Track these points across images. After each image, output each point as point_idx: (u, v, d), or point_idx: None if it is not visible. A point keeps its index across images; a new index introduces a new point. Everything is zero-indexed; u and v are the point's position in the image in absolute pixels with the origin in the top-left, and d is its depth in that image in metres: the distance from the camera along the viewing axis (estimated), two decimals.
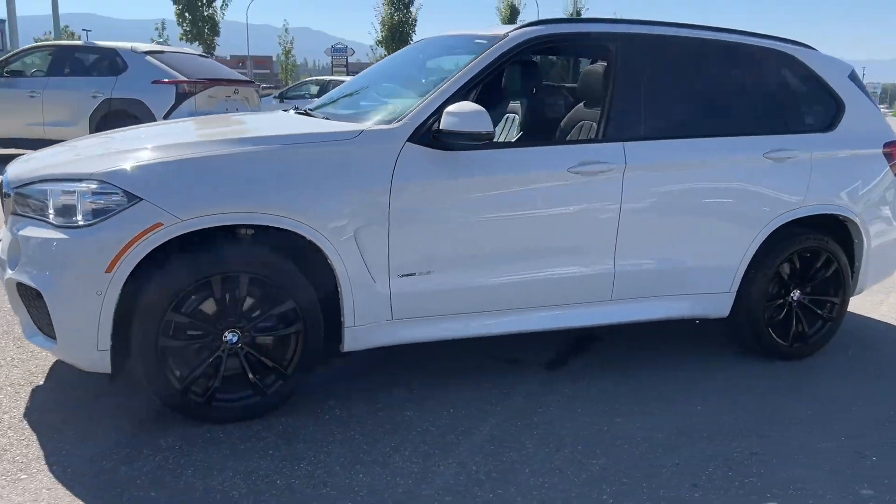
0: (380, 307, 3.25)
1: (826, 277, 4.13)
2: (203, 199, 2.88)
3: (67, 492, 2.55)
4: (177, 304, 2.90)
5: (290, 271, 3.04)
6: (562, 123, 4.14)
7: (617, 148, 3.56)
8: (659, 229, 3.68)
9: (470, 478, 2.74)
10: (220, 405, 3.06)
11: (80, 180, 2.87)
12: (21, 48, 11.83)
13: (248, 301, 3.04)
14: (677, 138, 3.74)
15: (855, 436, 3.22)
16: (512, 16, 48.73)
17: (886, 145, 4.25)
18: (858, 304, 5.08)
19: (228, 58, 53.29)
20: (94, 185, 2.84)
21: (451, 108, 3.18)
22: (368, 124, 3.33)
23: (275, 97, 20.30)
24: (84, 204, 2.83)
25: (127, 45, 10.29)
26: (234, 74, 11.53)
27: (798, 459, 2.98)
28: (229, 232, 3.06)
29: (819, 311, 4.15)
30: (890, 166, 4.24)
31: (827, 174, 4.03)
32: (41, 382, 3.43)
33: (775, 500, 2.68)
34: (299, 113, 3.95)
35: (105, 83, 9.96)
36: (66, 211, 2.86)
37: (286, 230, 3.01)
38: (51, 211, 2.89)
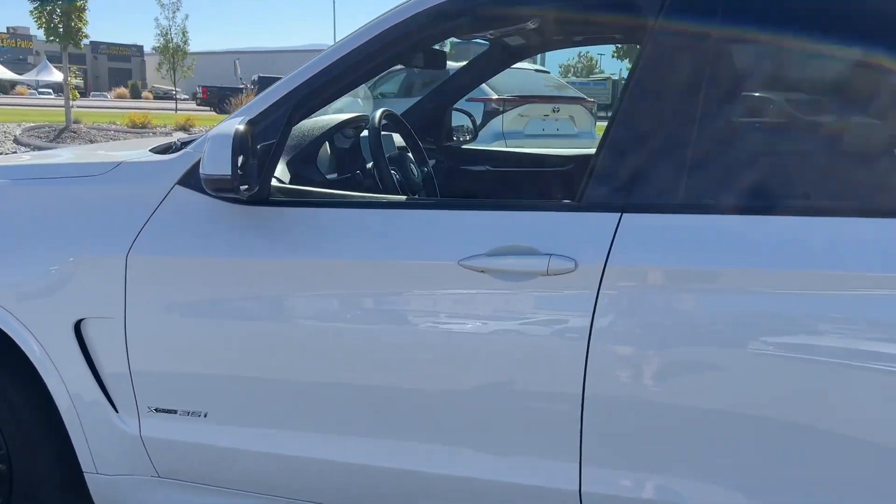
0: (133, 453, 1.97)
1: None
2: None
3: None
4: None
5: None
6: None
7: (597, 223, 1.61)
8: (699, 421, 1.56)
9: None
10: None
11: None
12: (387, 71, 12.67)
13: None
14: (765, 214, 1.56)
15: None
16: None
17: None
18: None
19: None
20: None
21: (210, 133, 1.73)
22: (142, 155, 2.06)
23: None
24: None
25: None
26: (563, 91, 10.35)
27: None
28: None
29: None
30: None
31: None
32: None
33: None
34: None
35: None
36: None
37: None
38: None
